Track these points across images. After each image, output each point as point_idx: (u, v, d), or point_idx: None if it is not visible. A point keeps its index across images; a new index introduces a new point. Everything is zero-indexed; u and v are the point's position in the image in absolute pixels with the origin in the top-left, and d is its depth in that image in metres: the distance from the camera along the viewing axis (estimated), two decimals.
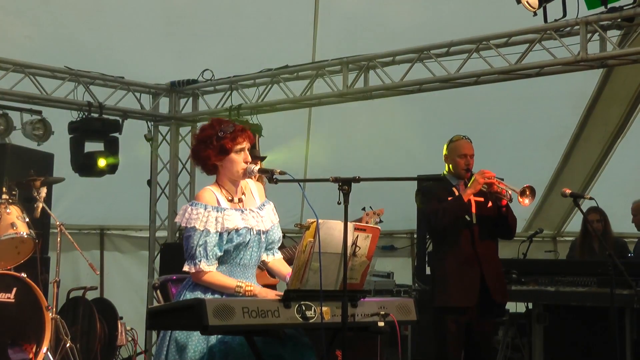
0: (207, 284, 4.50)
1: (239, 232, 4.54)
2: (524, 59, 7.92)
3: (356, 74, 8.95)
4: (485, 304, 6.36)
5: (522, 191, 6.20)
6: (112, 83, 9.80)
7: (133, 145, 10.28)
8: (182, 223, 4.54)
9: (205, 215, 4.48)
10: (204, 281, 4.49)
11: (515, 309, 8.75)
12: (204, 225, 4.47)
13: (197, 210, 4.50)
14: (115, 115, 9.89)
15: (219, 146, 4.56)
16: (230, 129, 4.57)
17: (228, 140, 4.56)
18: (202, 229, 4.47)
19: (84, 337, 8.92)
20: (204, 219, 4.48)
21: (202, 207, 4.51)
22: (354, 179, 4.41)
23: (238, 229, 4.54)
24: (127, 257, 11.75)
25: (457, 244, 6.39)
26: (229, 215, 4.54)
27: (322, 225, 4.25)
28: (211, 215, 4.49)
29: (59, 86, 9.31)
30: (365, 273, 4.56)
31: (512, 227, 6.53)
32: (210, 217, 4.48)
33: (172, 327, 4.43)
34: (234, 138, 4.57)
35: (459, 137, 6.59)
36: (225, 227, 4.51)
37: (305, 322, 4.23)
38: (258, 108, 9.73)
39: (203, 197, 4.56)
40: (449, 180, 6.56)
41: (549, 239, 12.10)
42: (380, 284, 10.08)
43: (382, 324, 4.49)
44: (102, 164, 9.55)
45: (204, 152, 4.60)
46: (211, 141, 4.58)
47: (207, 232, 4.47)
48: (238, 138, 4.58)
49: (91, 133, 9.55)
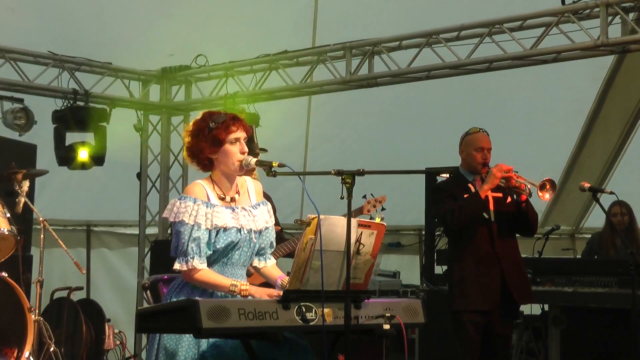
0: (199, 282, 4.50)
1: (227, 232, 4.53)
2: (539, 44, 7.91)
3: (360, 59, 8.94)
4: (506, 306, 6.36)
5: (542, 185, 6.19)
6: (99, 69, 9.79)
7: (121, 136, 10.28)
8: (170, 218, 4.53)
9: (195, 209, 4.48)
10: (196, 280, 4.49)
11: (530, 311, 8.73)
12: (194, 219, 4.47)
13: (185, 204, 4.50)
14: (102, 103, 9.88)
15: (212, 137, 4.55)
16: (221, 119, 4.57)
17: (221, 130, 4.55)
18: (192, 223, 4.46)
19: (69, 341, 8.92)
20: (194, 212, 4.48)
21: (191, 201, 4.51)
22: (357, 172, 4.40)
23: (227, 227, 4.53)
24: (115, 255, 11.76)
25: (474, 243, 6.38)
26: (218, 212, 4.53)
27: (323, 221, 4.25)
28: (201, 209, 4.49)
29: (42, 72, 9.30)
30: (370, 272, 4.56)
31: (532, 223, 6.51)
32: (200, 211, 4.48)
33: (163, 330, 4.43)
34: (227, 127, 4.56)
35: (475, 129, 6.57)
36: (214, 225, 4.50)
37: (305, 324, 4.23)
38: (255, 96, 9.72)
39: (192, 191, 4.56)
40: (464, 175, 6.55)
41: (567, 236, 12.08)
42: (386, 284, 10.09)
43: (387, 327, 4.49)
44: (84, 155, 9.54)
45: (197, 146, 4.59)
46: (203, 133, 4.57)
47: (198, 227, 4.47)
48: (231, 127, 4.57)
49: (77, 122, 9.54)
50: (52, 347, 7.63)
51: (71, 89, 9.51)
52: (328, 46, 9.15)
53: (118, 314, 10.33)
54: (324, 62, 9.20)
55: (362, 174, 4.41)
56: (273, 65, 9.53)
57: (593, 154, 11.17)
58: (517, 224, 6.48)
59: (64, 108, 9.53)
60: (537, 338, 8.61)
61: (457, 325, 6.40)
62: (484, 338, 6.38)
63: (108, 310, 9.49)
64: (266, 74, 9.61)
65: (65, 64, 9.49)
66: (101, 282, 11.38)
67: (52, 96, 9.54)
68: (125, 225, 11.66)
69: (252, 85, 9.71)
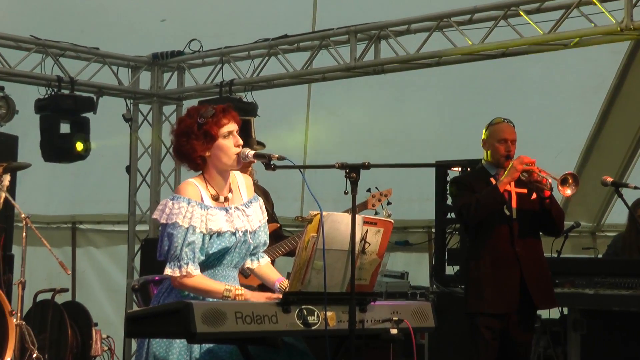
0: (191, 289, 4.47)
1: (221, 236, 4.51)
2: (558, 27, 7.90)
3: (365, 44, 8.94)
4: (525, 311, 6.36)
5: (564, 179, 6.16)
6: (86, 55, 9.80)
7: (109, 127, 10.28)
8: (160, 219, 4.47)
9: (190, 211, 4.44)
10: (188, 286, 4.46)
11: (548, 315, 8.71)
12: (188, 221, 4.43)
13: (179, 204, 4.45)
14: (89, 91, 9.89)
15: (203, 133, 4.51)
16: (210, 112, 4.53)
17: (211, 124, 4.52)
18: (187, 225, 4.42)
19: (53, 347, 8.93)
20: (188, 214, 4.43)
21: (185, 202, 4.46)
22: (362, 165, 4.40)
23: (221, 231, 4.51)
24: (103, 254, 11.77)
25: (493, 242, 6.38)
26: (212, 215, 4.49)
27: (326, 218, 4.25)
28: (196, 212, 4.46)
29: (23, 58, 9.31)
30: (376, 273, 4.56)
31: (557, 221, 6.51)
32: (195, 213, 4.45)
33: (155, 335, 4.42)
34: (218, 121, 4.52)
35: (499, 120, 6.56)
36: (209, 229, 4.48)
37: (307, 328, 4.23)
38: (253, 84, 9.73)
39: (185, 191, 4.51)
40: (487, 169, 6.55)
41: (587, 233, 12.05)
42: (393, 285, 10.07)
43: (395, 332, 4.49)
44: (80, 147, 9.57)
45: (187, 146, 4.54)
46: (192, 131, 4.53)
47: (194, 230, 4.43)
48: (222, 120, 4.53)
49: (61, 112, 9.55)
50: (35, 354, 7.63)
51: (55, 76, 9.51)
52: (331, 30, 9.15)
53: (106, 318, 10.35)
54: (327, 47, 9.20)
55: (367, 167, 4.41)
56: (272, 50, 9.54)
57: (614, 134, 11.05)
58: (540, 223, 6.48)
59: (48, 96, 9.53)
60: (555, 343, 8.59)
61: (472, 329, 6.40)
62: (501, 344, 6.38)
63: (95, 314, 9.49)
64: (264, 60, 9.61)
65: (49, 50, 9.49)
66: (88, 284, 11.40)
67: (35, 84, 9.55)
68: (113, 222, 11.67)
69: (250, 72, 9.71)
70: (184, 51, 10.13)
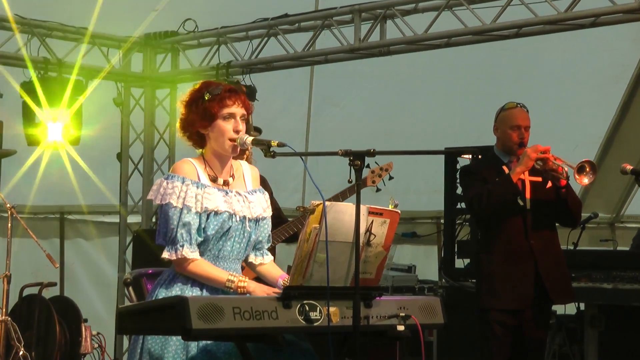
0: (192, 274, 4.52)
1: (219, 216, 4.53)
2: (575, 6, 7.88)
3: (370, 24, 8.93)
4: (541, 306, 6.37)
5: (580, 167, 6.15)
6: (74, 35, 9.78)
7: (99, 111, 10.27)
8: (155, 200, 4.54)
9: (184, 190, 4.49)
10: (190, 271, 4.51)
11: (564, 311, 8.75)
12: (182, 201, 4.48)
13: (173, 184, 4.50)
14: (77, 74, 9.86)
15: (203, 109, 4.56)
16: (217, 91, 4.57)
17: (214, 102, 4.55)
18: (181, 205, 4.47)
19: (41, 344, 8.94)
20: (182, 194, 4.48)
21: (179, 180, 4.51)
22: (368, 152, 4.39)
23: (219, 211, 4.54)
24: (93, 246, 11.78)
25: (506, 234, 6.39)
26: (209, 194, 4.53)
27: (329, 208, 4.25)
28: (190, 190, 4.50)
29: (8, 39, 9.29)
30: (382, 266, 4.57)
31: (574, 212, 6.50)
32: (189, 193, 4.49)
33: (148, 332, 4.44)
34: (221, 100, 4.56)
35: (512, 104, 6.53)
36: (204, 207, 4.51)
37: (309, 325, 4.23)
38: (251, 66, 9.71)
39: (180, 169, 4.57)
40: (498, 156, 6.53)
41: (605, 225, 12.08)
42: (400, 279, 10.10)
43: (401, 328, 4.50)
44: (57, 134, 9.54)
45: (188, 117, 4.62)
46: (196, 105, 4.59)
47: (188, 210, 4.48)
48: (226, 100, 4.56)
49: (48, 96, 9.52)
50: (21, 351, 7.65)
51: (42, 57, 9.50)
52: (334, 9, 9.14)
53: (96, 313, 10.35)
54: (330, 27, 9.18)
55: (373, 154, 4.41)
56: (271, 31, 9.52)
57: (635, 126, 11.10)
58: (556, 213, 6.47)
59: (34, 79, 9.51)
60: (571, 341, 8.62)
61: (484, 326, 6.41)
62: (514, 342, 6.38)
63: (85, 309, 9.50)
64: (264, 41, 9.60)
65: (35, 29, 9.48)
66: (77, 277, 11.40)
67: (20, 66, 9.53)
68: (104, 213, 11.68)
69: (248, 53, 9.70)
70: (178, 31, 10.11)
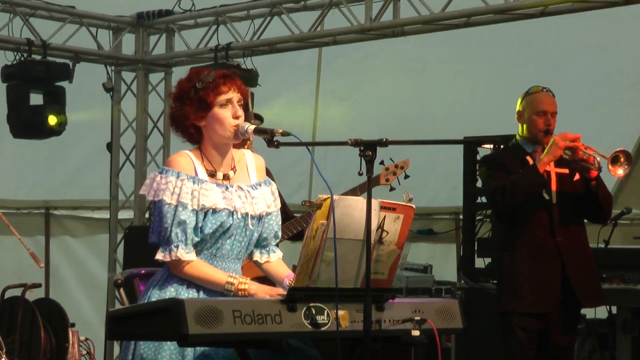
0: (188, 277, 4.53)
1: (217, 214, 4.54)
2: None
3: (383, 3, 8.92)
4: (568, 310, 6.37)
5: (614, 157, 6.11)
6: (60, 15, 9.79)
7: (87, 98, 10.29)
8: (148, 196, 4.55)
9: (178, 186, 4.49)
10: (186, 273, 4.52)
11: (594, 315, 8.75)
12: (177, 198, 4.48)
13: (167, 179, 4.51)
14: (63, 57, 9.89)
15: (198, 99, 4.56)
16: (210, 78, 4.57)
17: (209, 90, 4.55)
18: (175, 202, 4.48)
19: (24, 350, 8.96)
20: (177, 189, 4.48)
21: (174, 175, 4.51)
22: (379, 142, 4.38)
23: (217, 209, 4.54)
24: (81, 244, 11.81)
25: (530, 231, 6.37)
26: (206, 190, 4.53)
27: (337, 202, 4.25)
28: (185, 186, 4.50)
29: None
30: (395, 266, 4.56)
31: (604, 206, 6.48)
32: (184, 189, 4.49)
33: (140, 337, 4.44)
34: (216, 87, 4.56)
35: (537, 88, 6.50)
36: (201, 205, 4.51)
37: (315, 329, 4.23)
38: (253, 48, 9.72)
39: (176, 162, 4.57)
40: (522, 145, 6.51)
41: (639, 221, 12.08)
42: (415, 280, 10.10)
43: (416, 333, 4.50)
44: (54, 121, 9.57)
45: (181, 111, 4.60)
46: (188, 96, 4.58)
47: (184, 207, 4.48)
48: (221, 86, 4.57)
49: (32, 81, 9.55)
50: (2, 358, 7.67)
51: (25, 39, 9.51)
52: None
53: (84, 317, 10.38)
54: (338, 5, 9.18)
55: (385, 144, 4.40)
56: (275, 9, 9.52)
57: None
58: (585, 208, 6.46)
59: (16, 63, 9.53)
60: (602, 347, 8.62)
61: (506, 331, 6.41)
62: (539, 348, 6.38)
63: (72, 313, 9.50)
64: (266, 21, 9.60)
65: (18, 8, 9.49)
66: (63, 278, 11.43)
67: (2, 48, 9.55)
68: (92, 208, 11.71)
69: (250, 34, 9.70)
70: (174, 10, 10.11)
